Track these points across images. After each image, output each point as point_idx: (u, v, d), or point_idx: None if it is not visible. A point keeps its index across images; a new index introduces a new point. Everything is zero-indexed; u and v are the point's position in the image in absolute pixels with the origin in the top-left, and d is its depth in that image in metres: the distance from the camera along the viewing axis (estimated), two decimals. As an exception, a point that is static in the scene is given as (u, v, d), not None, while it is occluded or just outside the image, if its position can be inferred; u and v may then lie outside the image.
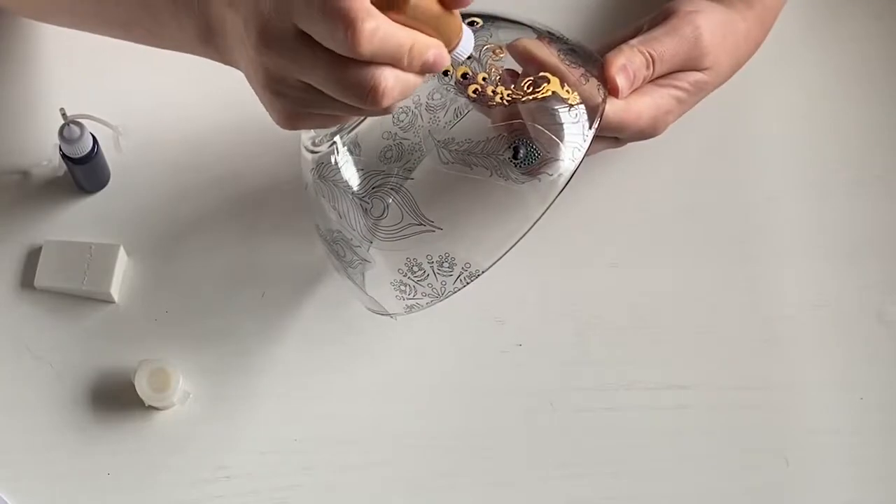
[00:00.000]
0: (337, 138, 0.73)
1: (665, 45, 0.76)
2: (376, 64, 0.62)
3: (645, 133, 0.78)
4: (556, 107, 0.71)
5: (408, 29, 0.62)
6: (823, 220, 0.90)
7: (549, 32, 0.75)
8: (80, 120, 0.81)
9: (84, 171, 0.85)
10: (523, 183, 0.70)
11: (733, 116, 0.91)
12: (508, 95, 0.71)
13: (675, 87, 0.78)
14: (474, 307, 0.86)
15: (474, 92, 0.71)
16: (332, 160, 0.73)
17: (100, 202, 0.87)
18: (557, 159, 0.70)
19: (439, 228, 0.71)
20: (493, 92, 0.71)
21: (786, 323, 0.87)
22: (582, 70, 0.73)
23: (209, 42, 0.71)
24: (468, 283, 0.71)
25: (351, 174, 0.73)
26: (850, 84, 0.94)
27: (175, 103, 0.89)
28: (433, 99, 0.72)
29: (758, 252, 0.89)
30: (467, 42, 0.67)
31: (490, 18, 0.73)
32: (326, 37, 0.61)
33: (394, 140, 0.72)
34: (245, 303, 0.86)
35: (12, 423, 0.83)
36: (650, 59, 0.76)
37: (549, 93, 0.71)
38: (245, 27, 0.64)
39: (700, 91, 0.79)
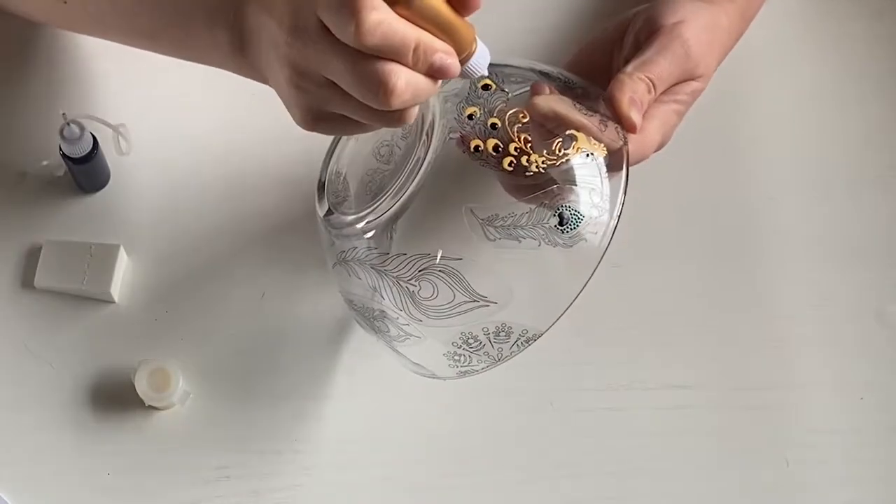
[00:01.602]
0: (361, 224, 0.72)
1: (660, 65, 0.76)
2: (388, 60, 0.62)
3: (657, 152, 0.78)
4: (587, 163, 0.70)
5: (415, 27, 0.63)
6: (823, 220, 0.90)
7: (546, 73, 0.74)
8: (80, 120, 0.81)
9: (84, 171, 0.85)
10: (572, 246, 0.70)
11: (733, 117, 0.91)
12: (543, 163, 0.69)
13: (675, 101, 0.78)
14: (474, 307, 0.86)
15: (509, 164, 0.70)
16: (364, 245, 0.73)
17: (100, 202, 0.87)
18: (599, 216, 0.70)
19: (493, 303, 0.70)
20: (528, 161, 0.69)
21: (786, 323, 0.87)
22: (598, 116, 0.72)
23: (243, 54, 0.71)
24: (526, 347, 0.71)
25: (390, 258, 0.72)
26: (850, 83, 0.94)
27: (175, 103, 0.89)
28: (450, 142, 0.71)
29: (758, 252, 0.89)
30: (482, 58, 0.66)
31: (495, 72, 0.72)
32: (337, 28, 0.62)
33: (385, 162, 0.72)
34: (245, 303, 0.86)
35: (12, 423, 0.83)
36: (650, 84, 0.76)
37: (580, 150, 0.70)
38: (278, 25, 0.65)
39: (695, 97, 0.80)
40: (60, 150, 0.83)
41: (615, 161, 0.71)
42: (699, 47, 0.78)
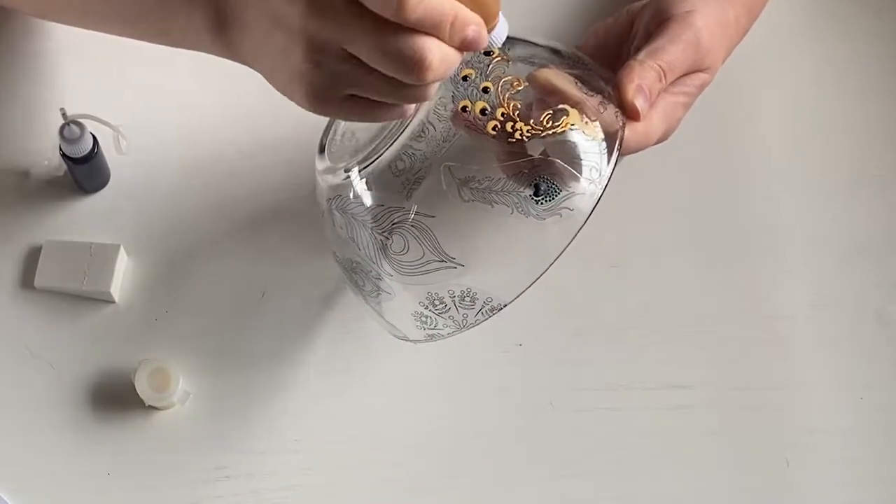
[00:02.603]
0: (353, 171, 0.73)
1: (671, 53, 0.76)
2: (422, 34, 0.62)
3: (659, 143, 0.78)
4: (575, 140, 0.70)
5: (451, 0, 0.62)
6: (823, 220, 0.90)
7: (558, 51, 0.74)
8: (80, 120, 0.81)
9: (84, 171, 0.85)
10: (545, 219, 0.70)
11: (733, 116, 0.91)
12: (528, 131, 0.70)
13: (682, 93, 0.78)
14: (474, 307, 0.86)
15: (493, 128, 0.70)
16: (350, 193, 0.73)
17: (100, 202, 0.87)
18: (578, 193, 0.70)
19: (461, 265, 0.71)
20: (513, 128, 0.70)
21: (786, 323, 0.87)
22: (599, 98, 0.72)
23: (221, 35, 0.70)
24: (490, 316, 0.71)
25: (369, 209, 0.72)
26: (850, 83, 0.94)
27: (175, 103, 0.89)
28: (446, 109, 0.71)
29: (758, 252, 0.89)
30: (502, 29, 0.66)
31: (506, 43, 0.72)
32: (374, 1, 0.61)
33: (405, 151, 0.71)
34: (245, 302, 0.86)
35: (12, 423, 0.83)
36: (661, 72, 0.75)
37: (568, 126, 0.70)
38: (288, 1, 0.64)
39: (702, 90, 0.80)
40: (60, 150, 0.83)
41: (609, 143, 0.71)
42: (710, 37, 0.78)
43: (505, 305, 0.71)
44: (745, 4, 0.82)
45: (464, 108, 0.71)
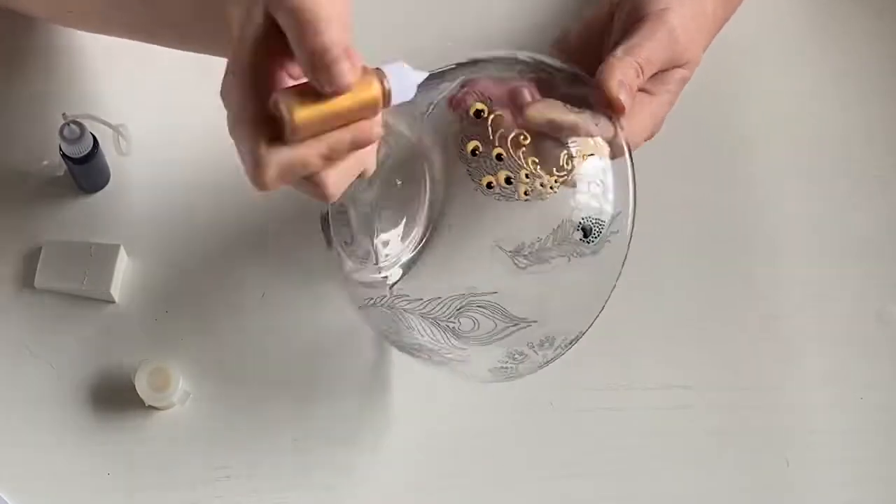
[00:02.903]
0: (392, 273, 0.72)
1: (647, 49, 0.76)
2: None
3: (646, 142, 0.78)
4: (595, 166, 0.71)
5: (315, 142, 0.60)
6: (823, 220, 0.90)
7: (520, 60, 0.74)
8: (80, 120, 0.81)
9: (84, 171, 0.85)
10: (598, 252, 0.70)
11: (733, 115, 0.91)
12: (556, 181, 0.70)
13: (665, 90, 0.78)
14: (474, 307, 0.86)
15: (525, 193, 0.70)
16: (395, 292, 0.72)
17: (100, 202, 0.87)
18: (616, 214, 0.71)
19: (534, 322, 0.71)
20: (542, 185, 0.70)
21: (786, 323, 0.87)
22: (589, 112, 0.72)
23: None
24: (569, 349, 0.72)
25: (425, 302, 0.72)
26: (851, 83, 0.94)
27: (175, 103, 0.89)
28: (466, 193, 0.71)
29: (758, 252, 0.89)
30: (401, 83, 0.61)
31: (473, 66, 0.72)
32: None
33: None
34: (245, 303, 0.86)
35: (12, 423, 0.83)
36: (639, 68, 0.76)
37: (585, 157, 0.71)
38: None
39: (683, 85, 0.80)
40: (60, 150, 0.83)
41: (615, 152, 0.72)
42: (685, 35, 0.78)
43: (582, 333, 0.72)
44: None
45: (489, 185, 0.70)
